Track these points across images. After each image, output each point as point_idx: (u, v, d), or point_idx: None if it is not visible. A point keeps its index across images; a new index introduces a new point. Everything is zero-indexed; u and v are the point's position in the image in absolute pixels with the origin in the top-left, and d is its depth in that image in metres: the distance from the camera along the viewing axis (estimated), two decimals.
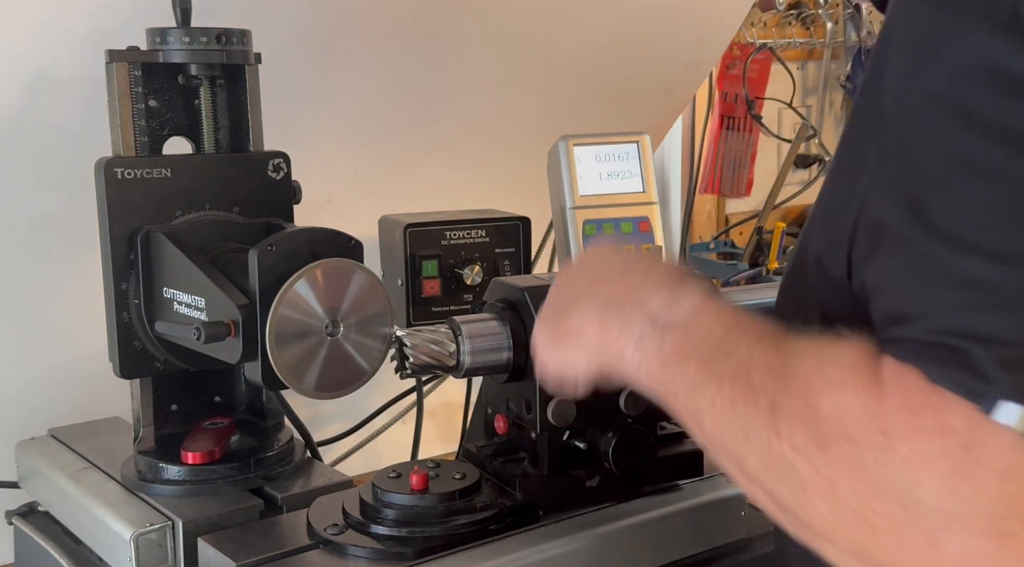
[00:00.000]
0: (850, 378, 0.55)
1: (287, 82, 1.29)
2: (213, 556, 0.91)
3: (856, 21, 2.74)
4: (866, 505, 0.52)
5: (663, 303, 0.71)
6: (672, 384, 0.67)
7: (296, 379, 0.90)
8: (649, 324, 0.70)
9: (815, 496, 0.55)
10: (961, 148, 0.54)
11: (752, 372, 0.61)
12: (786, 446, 0.57)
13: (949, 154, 0.54)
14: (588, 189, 1.31)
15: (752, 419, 0.60)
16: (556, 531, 0.94)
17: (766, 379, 0.60)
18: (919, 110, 0.57)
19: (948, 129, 0.55)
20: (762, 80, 2.61)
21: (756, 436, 0.59)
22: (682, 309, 0.70)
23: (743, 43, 2.53)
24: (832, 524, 0.55)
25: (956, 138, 0.54)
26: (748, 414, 0.60)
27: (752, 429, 0.60)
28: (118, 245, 1.02)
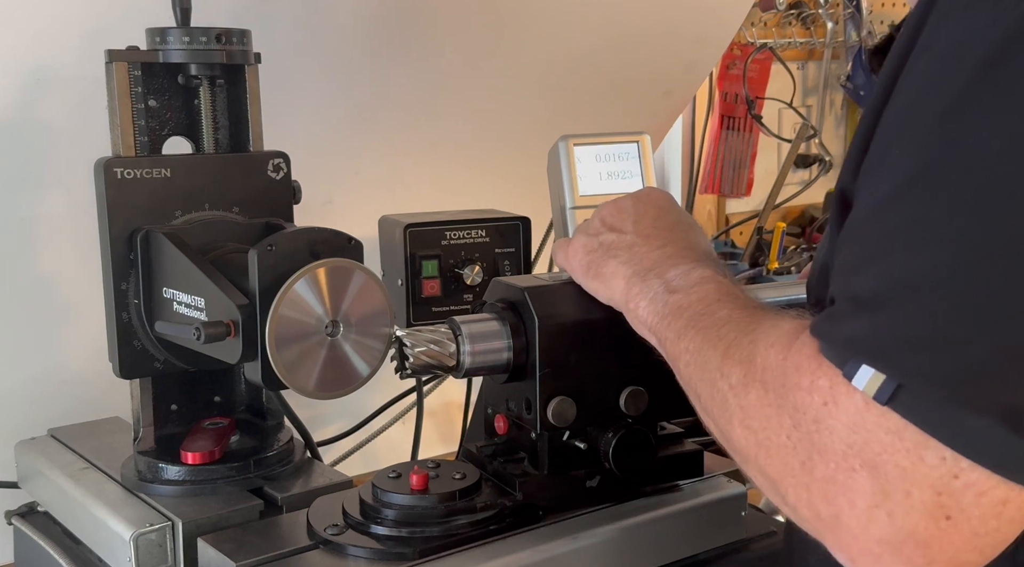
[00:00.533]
0: (779, 340, 0.68)
1: (287, 82, 1.29)
2: (213, 556, 0.91)
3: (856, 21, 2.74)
4: (765, 435, 0.67)
5: (679, 272, 0.85)
6: (664, 334, 0.82)
7: (296, 379, 0.90)
8: (663, 288, 0.85)
9: (737, 424, 0.69)
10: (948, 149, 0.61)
11: (723, 327, 0.75)
12: (724, 383, 0.71)
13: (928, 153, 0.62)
14: (588, 189, 1.31)
15: (709, 360, 0.74)
16: (556, 531, 0.94)
17: (730, 332, 0.74)
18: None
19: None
20: (762, 80, 2.61)
21: (708, 374, 0.74)
22: (692, 277, 0.84)
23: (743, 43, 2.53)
24: (745, 449, 0.69)
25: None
26: (708, 356, 0.75)
27: (707, 368, 0.74)
28: (118, 245, 1.02)
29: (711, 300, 0.80)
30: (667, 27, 1.73)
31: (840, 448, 0.61)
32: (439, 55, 1.50)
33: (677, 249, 0.89)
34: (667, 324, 0.82)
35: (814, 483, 0.63)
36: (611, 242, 0.93)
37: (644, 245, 0.91)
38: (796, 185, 2.65)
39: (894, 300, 0.61)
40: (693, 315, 0.80)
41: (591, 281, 0.93)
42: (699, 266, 0.85)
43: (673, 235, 0.92)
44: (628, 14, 1.66)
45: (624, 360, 0.94)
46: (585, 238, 0.95)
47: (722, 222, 2.65)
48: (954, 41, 0.63)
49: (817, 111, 2.80)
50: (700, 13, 1.77)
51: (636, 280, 0.88)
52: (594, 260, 0.93)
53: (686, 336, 0.79)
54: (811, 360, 0.64)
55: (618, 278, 0.90)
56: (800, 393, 0.64)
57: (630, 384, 0.95)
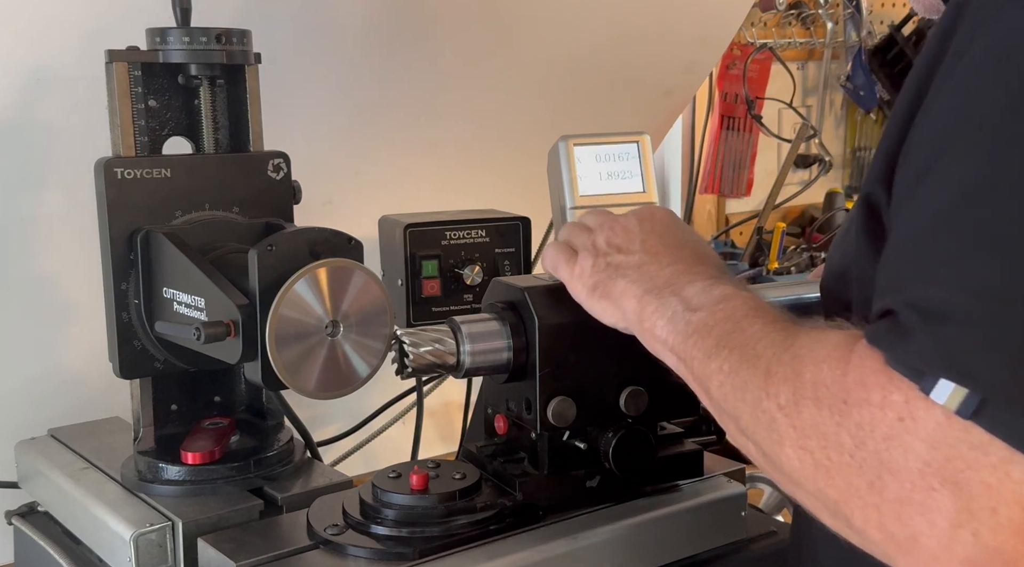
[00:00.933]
0: (831, 354, 0.65)
1: (287, 82, 1.29)
2: (213, 556, 0.91)
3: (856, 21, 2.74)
4: (824, 455, 0.64)
5: (697, 290, 0.81)
6: (690, 354, 0.78)
7: (296, 379, 0.90)
8: (682, 306, 0.81)
9: (789, 447, 0.66)
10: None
11: (758, 344, 0.72)
12: (772, 404, 0.68)
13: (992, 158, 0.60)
14: (588, 189, 1.31)
15: (750, 381, 0.70)
16: (556, 531, 0.94)
17: (768, 349, 0.71)
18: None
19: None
20: (762, 80, 2.61)
21: (751, 394, 0.70)
22: (714, 295, 0.80)
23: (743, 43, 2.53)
24: (799, 471, 0.66)
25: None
26: (747, 376, 0.71)
27: (748, 389, 0.70)
28: (118, 245, 1.02)
29: (739, 316, 0.76)
30: (667, 27, 1.73)
31: (916, 466, 0.58)
32: (439, 55, 1.50)
33: (689, 265, 0.86)
34: (692, 343, 0.78)
35: (885, 503, 0.60)
36: (619, 262, 0.89)
37: (654, 263, 0.88)
38: (796, 185, 2.65)
39: (971, 309, 0.59)
40: (723, 333, 0.76)
41: (598, 301, 0.89)
42: (718, 282, 0.82)
43: (682, 252, 0.89)
44: (628, 14, 1.66)
45: (624, 360, 0.94)
46: (590, 258, 0.91)
47: (722, 222, 2.65)
48: (999, 42, 0.62)
49: (817, 111, 2.80)
50: (700, 13, 1.77)
51: (650, 298, 0.84)
52: (601, 280, 0.89)
53: (718, 356, 0.75)
54: (878, 374, 0.61)
55: (628, 298, 0.86)
56: (869, 409, 0.61)
57: (630, 384, 0.95)
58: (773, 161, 2.67)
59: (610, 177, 1.33)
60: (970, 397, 0.57)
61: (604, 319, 0.89)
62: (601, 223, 0.94)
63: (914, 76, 0.70)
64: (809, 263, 2.36)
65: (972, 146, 0.62)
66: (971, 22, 0.65)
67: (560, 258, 0.94)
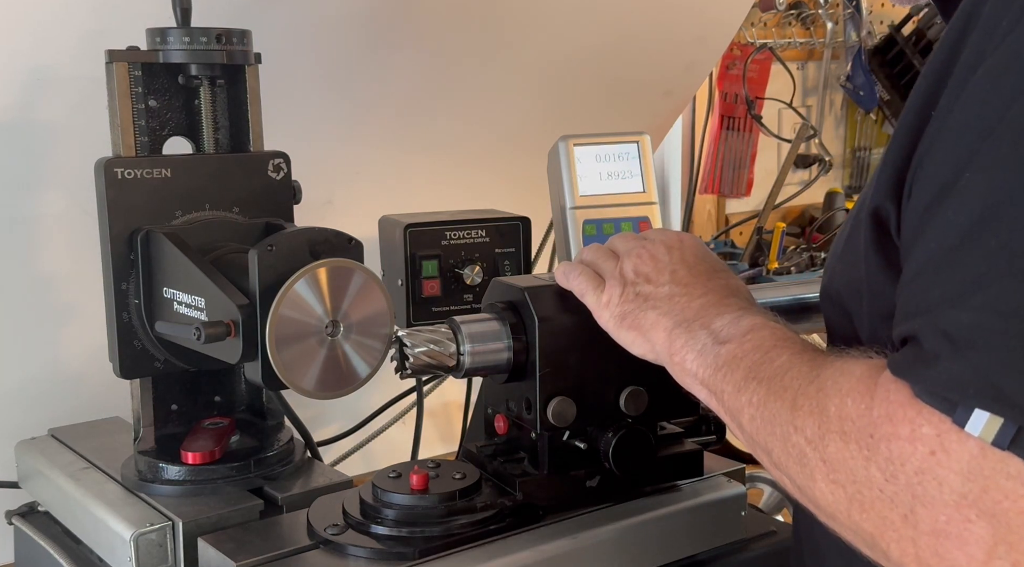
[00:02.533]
0: (855, 387, 0.64)
1: (287, 82, 1.29)
2: (213, 556, 0.91)
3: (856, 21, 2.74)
4: (855, 489, 0.63)
5: (727, 322, 0.81)
6: (720, 387, 0.77)
7: (296, 379, 0.90)
8: (711, 339, 0.80)
9: (820, 481, 0.65)
10: None
11: (785, 376, 0.71)
12: (800, 438, 0.67)
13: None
14: (588, 189, 1.31)
15: (778, 414, 0.70)
16: (556, 531, 0.94)
17: (795, 381, 0.70)
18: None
19: None
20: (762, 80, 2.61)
21: (780, 429, 0.69)
22: (742, 326, 0.79)
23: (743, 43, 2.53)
24: (833, 504, 0.65)
25: None
26: (775, 409, 0.70)
27: (777, 422, 0.70)
28: (118, 245, 1.02)
29: (767, 347, 0.75)
30: (667, 27, 1.73)
31: (951, 499, 0.58)
32: (439, 55, 1.50)
33: (719, 298, 0.85)
34: (722, 376, 0.77)
35: (921, 537, 0.59)
36: (648, 293, 0.88)
37: (684, 295, 0.86)
38: (796, 185, 2.65)
39: (1003, 335, 0.57)
40: (751, 365, 0.75)
41: (627, 332, 0.88)
42: (747, 314, 0.81)
43: (712, 283, 0.88)
44: (628, 14, 1.66)
45: (624, 360, 0.94)
46: (619, 287, 0.90)
47: (722, 222, 2.65)
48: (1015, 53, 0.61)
49: (817, 111, 2.80)
50: (700, 13, 1.78)
51: (680, 332, 0.83)
52: (630, 310, 0.88)
53: (747, 389, 0.74)
54: (906, 408, 0.60)
55: (658, 330, 0.85)
56: (899, 443, 0.60)
57: (630, 384, 0.95)
58: (773, 161, 2.67)
59: (610, 177, 1.33)
60: (1007, 426, 0.56)
61: (633, 350, 0.88)
62: (629, 249, 0.93)
63: (923, 85, 0.69)
64: (809, 263, 2.35)
65: (993, 162, 0.60)
66: (984, 31, 0.64)
67: (588, 285, 0.92)
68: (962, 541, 0.58)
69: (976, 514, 0.57)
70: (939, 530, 0.58)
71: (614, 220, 1.31)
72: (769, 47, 2.58)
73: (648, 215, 1.32)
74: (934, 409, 0.59)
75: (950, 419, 0.58)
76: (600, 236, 1.30)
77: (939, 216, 0.62)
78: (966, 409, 0.57)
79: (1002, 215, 0.59)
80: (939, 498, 0.58)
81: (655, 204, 1.33)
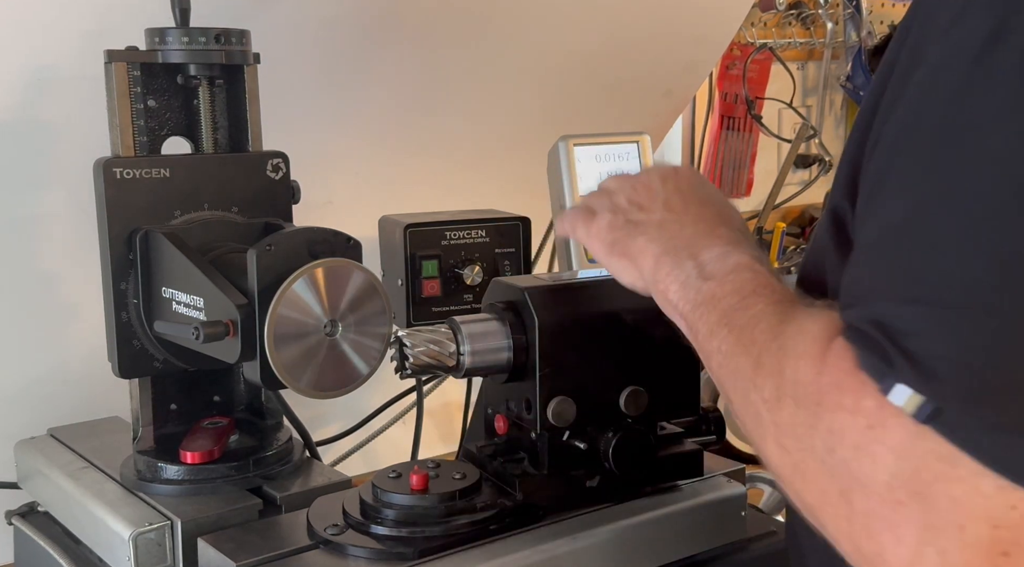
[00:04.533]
0: (809, 349, 0.62)
1: (287, 82, 1.29)
2: (213, 556, 0.91)
3: (856, 21, 2.74)
4: (800, 457, 0.61)
5: (714, 256, 0.79)
6: (695, 326, 0.76)
7: (295, 379, 0.90)
8: (696, 272, 0.78)
9: (771, 442, 0.64)
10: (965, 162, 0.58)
11: (755, 328, 0.69)
12: (758, 397, 0.66)
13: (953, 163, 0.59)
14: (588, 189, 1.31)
15: (741, 368, 0.69)
16: (556, 531, 0.94)
17: (761, 335, 0.68)
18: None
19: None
20: (762, 80, 2.61)
21: (741, 383, 0.68)
22: (727, 264, 0.77)
23: (743, 43, 2.53)
24: (780, 469, 0.64)
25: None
26: (740, 363, 0.69)
27: (739, 377, 0.69)
28: (117, 245, 1.02)
29: (746, 292, 0.74)
30: (667, 27, 1.73)
31: (884, 478, 0.56)
32: (439, 55, 1.50)
33: (710, 227, 0.83)
34: (699, 315, 0.76)
35: (855, 515, 0.58)
36: (640, 220, 0.86)
37: (675, 222, 0.85)
38: (796, 185, 2.65)
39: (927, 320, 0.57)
40: (726, 309, 0.74)
41: (617, 259, 0.86)
42: (735, 250, 0.79)
43: (704, 210, 0.86)
44: (628, 14, 1.66)
45: (624, 360, 0.94)
46: (610, 216, 0.88)
47: None
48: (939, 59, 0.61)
49: (817, 111, 2.80)
50: (700, 13, 1.77)
51: (667, 259, 0.81)
52: (619, 238, 0.86)
53: (719, 334, 0.73)
54: (851, 377, 0.58)
55: (647, 256, 0.83)
56: (841, 414, 0.58)
57: (630, 384, 0.95)
58: (773, 161, 2.67)
59: None
60: (925, 404, 0.55)
61: (622, 278, 0.86)
62: (622, 183, 0.91)
63: (876, 80, 0.69)
64: None
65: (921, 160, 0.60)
66: (925, 25, 0.64)
67: (578, 218, 0.91)
68: (892, 524, 0.56)
69: (907, 496, 0.55)
70: (871, 510, 0.57)
71: None
72: (769, 47, 2.58)
73: None
74: (871, 378, 0.57)
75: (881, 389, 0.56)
76: None
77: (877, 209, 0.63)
78: (890, 380, 0.56)
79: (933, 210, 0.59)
80: (873, 476, 0.56)
81: None
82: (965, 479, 0.54)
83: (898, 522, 0.55)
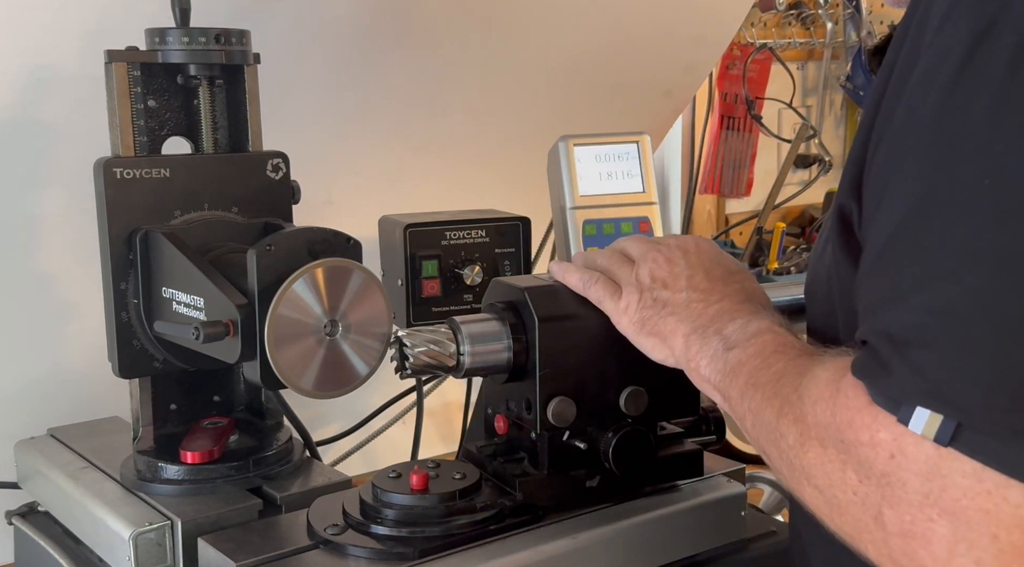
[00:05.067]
0: (822, 393, 0.66)
1: (286, 82, 1.29)
2: (213, 556, 0.91)
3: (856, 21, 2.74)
4: (832, 494, 0.65)
5: (737, 327, 0.82)
6: (728, 393, 0.80)
7: (295, 379, 0.90)
8: (722, 345, 0.82)
9: (805, 485, 0.68)
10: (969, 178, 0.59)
11: (778, 382, 0.73)
12: (785, 444, 0.69)
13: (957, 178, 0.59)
14: (588, 189, 1.31)
15: (768, 421, 0.72)
16: (556, 531, 0.94)
17: (784, 388, 0.72)
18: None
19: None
20: (762, 80, 2.61)
21: (771, 435, 0.72)
22: (748, 331, 0.81)
23: (743, 43, 2.53)
24: (817, 507, 0.68)
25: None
26: (767, 417, 0.73)
27: (768, 429, 0.72)
28: (117, 245, 1.02)
29: (767, 353, 0.77)
30: (667, 27, 1.73)
31: (915, 499, 0.59)
32: (439, 55, 1.50)
33: (734, 303, 0.86)
34: (729, 382, 0.79)
35: (890, 538, 0.61)
36: (666, 299, 0.89)
37: (701, 301, 0.88)
38: (796, 185, 2.65)
39: (936, 333, 0.58)
40: (751, 371, 0.77)
41: (647, 338, 0.89)
42: (755, 318, 0.83)
43: (728, 287, 0.89)
44: (628, 14, 1.66)
45: (624, 360, 0.94)
46: (637, 294, 0.90)
47: (722, 222, 2.65)
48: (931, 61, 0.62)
49: (817, 111, 2.80)
50: (700, 13, 1.77)
51: (695, 338, 0.85)
52: (648, 317, 0.89)
53: (748, 396, 0.76)
54: (863, 413, 0.62)
55: (677, 336, 0.86)
56: (862, 448, 0.61)
57: (630, 384, 0.95)
58: (773, 161, 2.67)
59: (610, 177, 1.33)
60: (945, 423, 0.57)
61: (654, 355, 0.89)
62: (644, 253, 0.93)
63: (878, 82, 0.70)
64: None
65: (919, 163, 0.61)
66: (919, 27, 0.65)
67: (605, 292, 0.93)
68: (926, 540, 0.58)
69: (937, 513, 0.58)
70: (906, 530, 0.59)
71: (614, 220, 1.31)
72: (769, 47, 2.58)
73: (648, 215, 1.32)
74: (888, 413, 0.60)
75: (896, 419, 0.59)
76: (600, 236, 1.30)
77: (879, 217, 0.64)
78: (909, 407, 0.59)
79: (931, 215, 0.60)
80: (904, 499, 0.59)
81: (655, 204, 1.33)
82: (992, 492, 0.56)
83: (932, 539, 0.58)
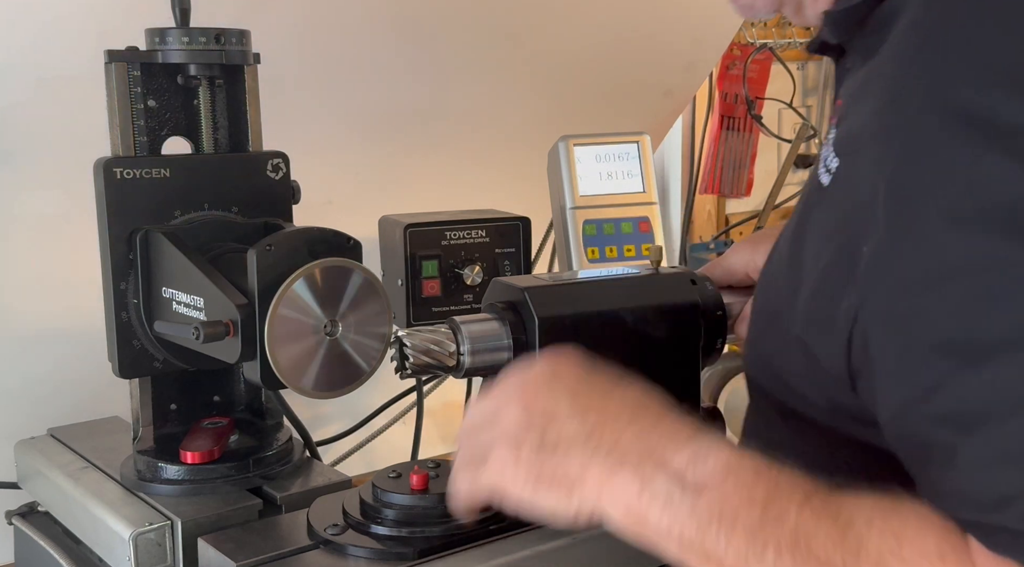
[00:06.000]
0: (936, 565, 0.57)
1: (287, 82, 1.29)
2: (213, 556, 0.91)
3: None
4: None
5: (687, 460, 0.67)
6: (716, 551, 0.64)
7: (295, 379, 0.90)
8: (677, 485, 0.66)
9: None
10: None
11: (812, 542, 0.61)
12: None
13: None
14: (588, 189, 1.31)
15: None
16: (556, 531, 0.94)
17: (832, 553, 0.60)
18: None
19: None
20: (762, 80, 2.61)
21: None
22: (711, 467, 0.66)
23: (743, 43, 2.52)
24: None
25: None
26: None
27: None
28: (117, 245, 1.02)
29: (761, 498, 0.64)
30: (667, 27, 1.73)
31: None
32: (439, 55, 1.50)
33: (652, 420, 0.71)
34: (715, 539, 0.65)
35: None
36: (556, 434, 0.71)
37: (601, 426, 0.70)
38: (796, 185, 2.65)
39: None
40: (752, 525, 0.63)
41: (551, 492, 0.70)
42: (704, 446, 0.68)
43: (624, 404, 0.73)
44: (628, 14, 1.66)
45: (624, 360, 0.93)
46: (511, 449, 0.72)
47: (722, 222, 2.65)
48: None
49: (817, 111, 2.80)
50: (699, 13, 1.77)
51: (626, 471, 0.68)
52: (543, 468, 0.70)
53: (762, 558, 0.63)
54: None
55: (590, 478, 0.69)
56: None
57: None
58: (773, 161, 2.67)
59: (610, 177, 1.33)
60: None
61: (560, 513, 0.71)
62: (491, 408, 0.76)
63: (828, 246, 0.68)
64: None
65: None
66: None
67: (465, 473, 0.75)
68: None
69: None
70: None
71: (614, 220, 1.31)
72: (769, 47, 2.58)
73: (648, 215, 1.32)
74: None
75: None
76: (600, 236, 1.30)
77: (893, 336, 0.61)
78: None
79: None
80: None
81: (655, 204, 1.33)
82: None
83: None
